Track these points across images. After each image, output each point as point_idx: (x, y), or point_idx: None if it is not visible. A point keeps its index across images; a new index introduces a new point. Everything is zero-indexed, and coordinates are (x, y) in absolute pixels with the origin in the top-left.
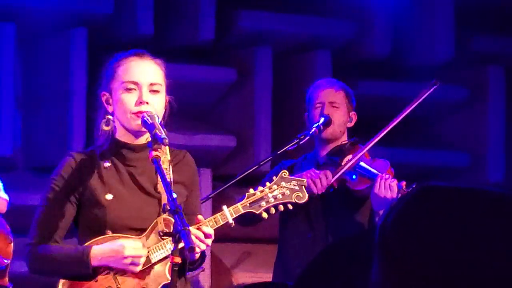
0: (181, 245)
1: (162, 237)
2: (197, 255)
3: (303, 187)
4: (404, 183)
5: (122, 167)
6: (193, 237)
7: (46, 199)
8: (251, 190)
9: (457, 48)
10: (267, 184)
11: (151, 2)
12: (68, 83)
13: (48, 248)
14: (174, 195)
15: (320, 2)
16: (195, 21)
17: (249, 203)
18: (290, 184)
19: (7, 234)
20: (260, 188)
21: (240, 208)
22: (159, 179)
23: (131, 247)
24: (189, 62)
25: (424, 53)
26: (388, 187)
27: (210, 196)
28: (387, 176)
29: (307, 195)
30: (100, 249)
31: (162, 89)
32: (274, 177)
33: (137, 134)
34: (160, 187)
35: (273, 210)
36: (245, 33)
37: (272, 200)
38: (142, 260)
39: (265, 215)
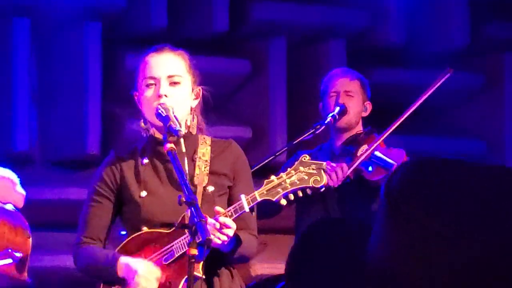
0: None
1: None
2: (223, 245)
3: (322, 170)
4: None
5: (159, 163)
6: (210, 228)
7: (89, 200)
8: (272, 177)
9: (472, 35)
10: (288, 169)
11: None
12: (82, 77)
13: (85, 253)
14: (211, 188)
15: None
16: (209, 12)
17: (266, 190)
18: (308, 169)
19: (25, 228)
20: (281, 174)
21: (257, 196)
22: (198, 170)
23: (144, 273)
24: (203, 54)
25: (439, 41)
26: None
27: None
28: None
29: (325, 177)
30: (124, 263)
31: (184, 80)
32: (295, 162)
33: (161, 129)
34: (199, 180)
35: (291, 197)
36: (258, 24)
37: (289, 186)
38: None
39: (283, 201)
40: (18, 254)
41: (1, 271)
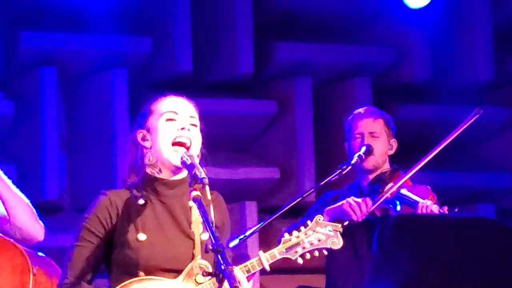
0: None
1: (195, 279)
2: None
3: (338, 232)
4: (445, 208)
5: (158, 204)
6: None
7: (78, 239)
8: (286, 235)
9: (497, 68)
10: (302, 229)
11: (189, 39)
12: (110, 123)
13: None
14: (205, 236)
15: (357, 30)
16: (234, 55)
17: (285, 249)
18: (325, 230)
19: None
20: (295, 233)
21: (276, 254)
22: (194, 217)
23: None
24: (229, 96)
25: (464, 75)
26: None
27: (257, 229)
28: (428, 202)
29: (341, 240)
30: None
31: (199, 125)
32: (308, 222)
33: (175, 169)
34: (195, 226)
35: (308, 256)
36: (283, 64)
37: (308, 245)
38: None
39: (300, 260)
40: None
41: None
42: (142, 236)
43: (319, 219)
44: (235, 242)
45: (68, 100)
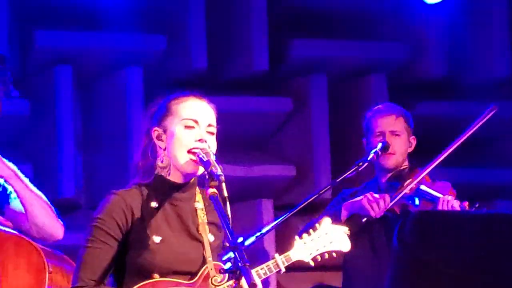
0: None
1: (211, 282)
2: None
3: (346, 235)
4: (466, 203)
5: (169, 208)
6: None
7: (91, 240)
8: (297, 238)
9: None
10: (311, 232)
11: (204, 36)
12: (126, 122)
13: None
14: (212, 237)
15: (372, 26)
16: (249, 52)
17: (298, 252)
18: (333, 232)
19: None
20: (306, 236)
21: (291, 256)
22: (200, 219)
23: None
24: (244, 94)
25: (481, 71)
26: (451, 209)
27: (273, 227)
28: (449, 197)
29: (349, 243)
30: None
31: (215, 132)
32: (317, 225)
33: (188, 175)
34: (202, 229)
35: (319, 258)
36: (298, 61)
37: (317, 249)
38: None
39: (312, 263)
40: None
41: None
42: (157, 239)
43: (327, 222)
44: (252, 239)
45: (84, 99)
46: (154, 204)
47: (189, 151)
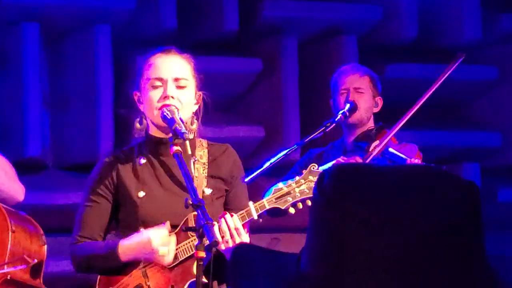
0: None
1: (189, 233)
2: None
3: None
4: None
5: (157, 163)
6: (217, 231)
7: (85, 199)
8: (279, 185)
9: (484, 27)
10: (296, 178)
11: None
12: (94, 80)
13: (83, 247)
14: (208, 190)
15: None
16: (219, 12)
17: (275, 199)
18: (314, 179)
19: (40, 235)
20: (289, 182)
21: (265, 204)
22: (197, 172)
23: (157, 237)
24: (214, 54)
25: (451, 34)
26: None
27: None
28: (415, 160)
29: None
30: (128, 244)
31: (189, 84)
32: (304, 171)
33: (165, 129)
34: (196, 181)
35: (300, 205)
36: (269, 22)
37: (298, 195)
38: (172, 248)
39: (292, 210)
40: (33, 261)
41: (16, 278)
42: (141, 194)
43: (313, 168)
44: None
45: (51, 57)
46: (143, 161)
47: (157, 109)
